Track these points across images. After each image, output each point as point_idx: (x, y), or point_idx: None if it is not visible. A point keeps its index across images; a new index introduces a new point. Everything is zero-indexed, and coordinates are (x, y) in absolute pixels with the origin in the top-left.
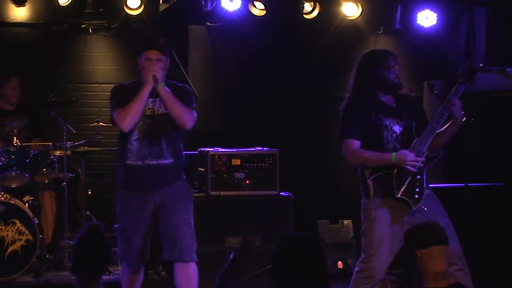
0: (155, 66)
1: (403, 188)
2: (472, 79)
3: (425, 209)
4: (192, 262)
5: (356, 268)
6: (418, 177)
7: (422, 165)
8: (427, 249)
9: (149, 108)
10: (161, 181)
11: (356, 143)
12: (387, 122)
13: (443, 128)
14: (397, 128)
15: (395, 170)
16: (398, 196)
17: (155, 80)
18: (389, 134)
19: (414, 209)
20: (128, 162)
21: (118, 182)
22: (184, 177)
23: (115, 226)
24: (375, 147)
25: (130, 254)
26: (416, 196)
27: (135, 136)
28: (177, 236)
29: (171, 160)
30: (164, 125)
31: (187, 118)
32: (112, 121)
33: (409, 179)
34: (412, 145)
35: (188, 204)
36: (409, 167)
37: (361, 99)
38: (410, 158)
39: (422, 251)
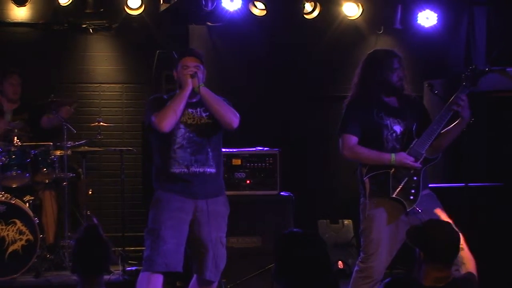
0: (193, 68)
1: (399, 188)
2: (476, 84)
3: (419, 210)
4: (216, 281)
5: (356, 268)
6: (415, 178)
7: (420, 166)
8: (434, 263)
9: (190, 118)
10: (207, 190)
11: (353, 139)
12: (388, 121)
13: (449, 127)
14: (397, 128)
15: (393, 170)
16: (393, 196)
17: (195, 81)
18: (389, 134)
19: (408, 210)
20: (172, 170)
21: (157, 188)
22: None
23: (146, 228)
24: (375, 146)
25: (161, 253)
26: (412, 197)
27: (178, 144)
28: (211, 254)
29: (215, 170)
30: (208, 134)
31: (232, 116)
32: (149, 127)
33: (405, 180)
34: (411, 146)
35: (225, 221)
36: (411, 166)
37: (364, 98)
38: (409, 161)
39: (429, 261)
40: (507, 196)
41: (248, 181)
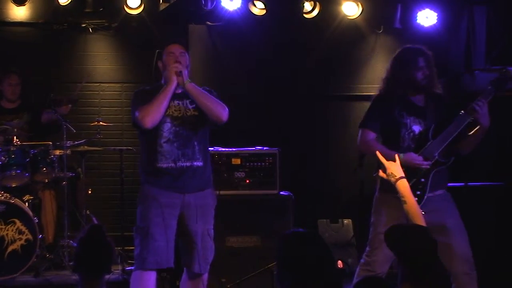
0: (178, 62)
1: None
2: (503, 89)
3: (423, 212)
4: (206, 273)
5: (361, 261)
6: (422, 180)
7: (428, 167)
8: (411, 269)
9: (176, 110)
10: (194, 184)
11: (371, 135)
12: (408, 120)
13: (469, 134)
14: (416, 128)
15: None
16: (398, 196)
17: (180, 79)
18: (406, 133)
19: None
20: (159, 165)
21: (144, 183)
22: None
23: (135, 226)
24: (391, 143)
25: (151, 251)
26: (416, 199)
27: (164, 138)
28: (199, 247)
29: (202, 163)
30: (195, 127)
31: (220, 110)
32: (134, 122)
33: (413, 181)
34: (425, 147)
35: (212, 214)
36: (418, 166)
37: (389, 95)
38: (417, 161)
39: (405, 267)
40: (507, 196)
41: (247, 181)
